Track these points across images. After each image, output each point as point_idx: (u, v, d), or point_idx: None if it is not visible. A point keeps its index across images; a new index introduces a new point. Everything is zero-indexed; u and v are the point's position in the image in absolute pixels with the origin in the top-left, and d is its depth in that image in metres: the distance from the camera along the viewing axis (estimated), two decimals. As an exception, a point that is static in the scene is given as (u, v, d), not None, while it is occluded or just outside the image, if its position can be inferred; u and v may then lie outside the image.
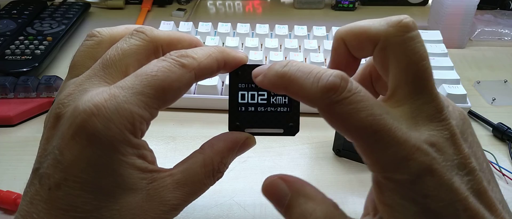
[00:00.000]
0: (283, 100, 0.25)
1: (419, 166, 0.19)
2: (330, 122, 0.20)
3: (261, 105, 0.25)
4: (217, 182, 0.24)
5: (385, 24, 0.21)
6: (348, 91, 0.19)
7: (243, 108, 0.25)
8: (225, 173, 0.25)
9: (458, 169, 0.19)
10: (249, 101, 0.25)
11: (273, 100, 0.25)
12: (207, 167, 0.23)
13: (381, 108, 0.19)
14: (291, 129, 0.26)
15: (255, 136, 0.26)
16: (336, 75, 0.19)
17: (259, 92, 0.25)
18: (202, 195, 0.24)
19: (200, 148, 0.24)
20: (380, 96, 0.25)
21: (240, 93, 0.25)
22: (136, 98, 0.20)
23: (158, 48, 0.24)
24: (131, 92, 0.20)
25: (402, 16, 0.21)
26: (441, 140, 0.19)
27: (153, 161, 0.22)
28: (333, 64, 0.24)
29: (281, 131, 0.26)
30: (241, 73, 0.25)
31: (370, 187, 0.23)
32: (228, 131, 0.25)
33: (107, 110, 0.20)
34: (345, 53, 0.23)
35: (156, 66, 0.21)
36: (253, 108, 0.25)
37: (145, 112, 0.21)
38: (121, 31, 0.25)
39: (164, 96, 0.21)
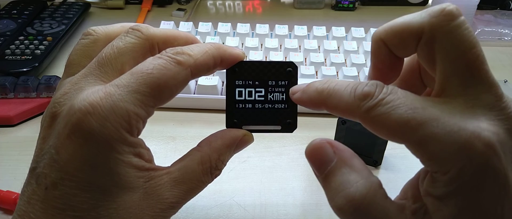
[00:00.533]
0: (281, 96, 0.25)
1: (480, 158, 0.17)
2: (373, 130, 0.19)
3: (259, 102, 0.25)
4: (217, 182, 0.24)
5: (427, 16, 0.20)
6: (384, 94, 0.19)
7: (241, 105, 0.25)
8: (225, 173, 0.25)
9: None
10: (247, 98, 0.25)
11: (271, 96, 0.25)
12: (204, 164, 0.23)
13: (425, 101, 0.18)
14: (289, 126, 0.26)
15: (253, 133, 0.25)
16: (371, 84, 0.19)
17: (257, 89, 0.25)
18: (202, 195, 0.24)
19: (197, 145, 0.24)
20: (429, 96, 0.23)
21: (237, 90, 0.25)
22: (131, 96, 0.20)
23: (154, 46, 0.24)
24: (126, 90, 0.20)
25: (444, 4, 0.19)
26: (501, 130, 0.18)
27: (150, 159, 0.22)
28: (375, 70, 0.23)
29: (279, 128, 0.26)
30: (238, 70, 0.25)
31: (415, 174, 0.22)
32: (225, 128, 0.25)
33: (103, 108, 0.20)
34: (386, 55, 0.22)
35: (152, 64, 0.21)
36: (250, 105, 0.25)
37: (141, 110, 0.21)
38: (116, 29, 0.25)
39: (160, 94, 0.21)
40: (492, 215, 0.18)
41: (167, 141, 0.44)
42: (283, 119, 0.25)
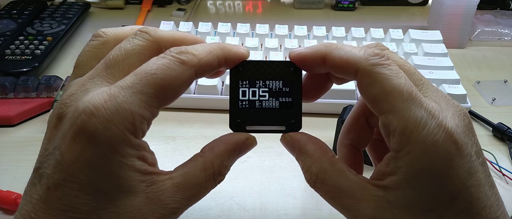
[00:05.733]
0: (285, 96, 0.25)
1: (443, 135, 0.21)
2: (369, 83, 0.22)
3: (263, 102, 0.25)
4: (217, 182, 0.24)
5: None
6: (390, 61, 0.22)
7: (244, 105, 0.25)
8: (225, 173, 0.25)
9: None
10: (250, 98, 0.25)
11: (275, 96, 0.25)
12: (207, 170, 0.23)
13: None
14: (293, 126, 0.25)
15: (257, 134, 0.25)
16: (380, 47, 0.23)
17: (261, 89, 0.25)
18: (202, 196, 0.24)
19: (200, 151, 0.24)
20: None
21: (241, 90, 0.25)
22: (136, 98, 0.20)
23: (161, 48, 0.24)
24: (131, 92, 0.20)
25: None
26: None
27: (153, 163, 0.22)
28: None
29: (283, 128, 0.25)
30: (242, 69, 0.25)
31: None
32: (229, 129, 0.25)
33: (107, 110, 0.20)
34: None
35: (155, 64, 0.21)
36: (254, 105, 0.25)
37: (146, 111, 0.21)
38: (126, 31, 0.25)
39: (164, 94, 0.21)
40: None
41: (167, 141, 0.44)
42: (288, 119, 0.25)
